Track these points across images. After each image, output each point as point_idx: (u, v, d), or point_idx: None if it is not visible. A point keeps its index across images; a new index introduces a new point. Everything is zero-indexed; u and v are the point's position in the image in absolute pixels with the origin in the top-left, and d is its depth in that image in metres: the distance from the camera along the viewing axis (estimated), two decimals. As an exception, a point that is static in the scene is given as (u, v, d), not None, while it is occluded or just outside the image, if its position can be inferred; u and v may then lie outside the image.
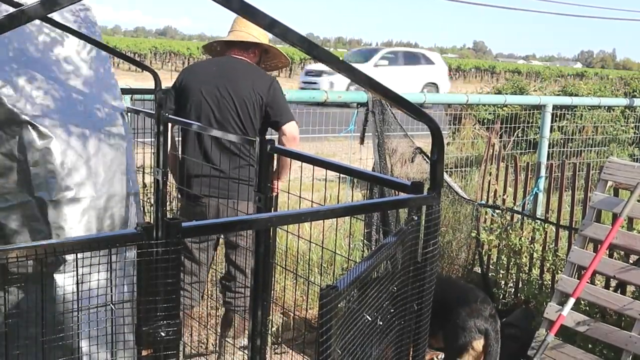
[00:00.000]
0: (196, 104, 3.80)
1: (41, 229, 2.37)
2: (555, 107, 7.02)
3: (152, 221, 2.53)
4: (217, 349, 4.24)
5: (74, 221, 2.39)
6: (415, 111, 1.86)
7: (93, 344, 2.33)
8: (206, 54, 4.38)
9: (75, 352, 2.27)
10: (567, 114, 9.11)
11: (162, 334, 1.53)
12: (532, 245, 4.92)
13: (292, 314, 4.44)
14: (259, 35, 3.95)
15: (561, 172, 4.85)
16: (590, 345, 4.08)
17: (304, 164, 2.55)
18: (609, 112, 10.17)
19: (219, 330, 4.24)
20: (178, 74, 4.02)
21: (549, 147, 6.67)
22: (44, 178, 2.35)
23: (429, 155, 1.97)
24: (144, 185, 4.28)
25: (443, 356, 4.41)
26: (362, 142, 5.09)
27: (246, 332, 3.81)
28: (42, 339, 1.77)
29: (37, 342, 1.88)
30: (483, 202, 5.43)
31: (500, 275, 5.19)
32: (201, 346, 4.31)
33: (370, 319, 1.76)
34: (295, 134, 3.82)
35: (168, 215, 3.60)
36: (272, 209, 2.92)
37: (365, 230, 5.29)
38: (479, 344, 3.67)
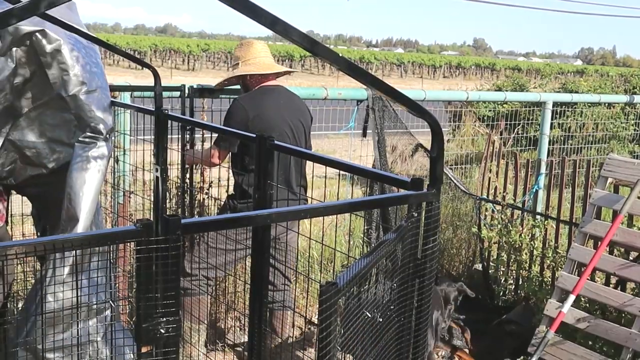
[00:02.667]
0: (279, 136, 3.86)
1: (71, 118, 2.78)
2: (555, 104, 7.00)
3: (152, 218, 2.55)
4: (217, 346, 4.24)
5: (94, 108, 2.78)
6: (416, 108, 1.85)
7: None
8: (224, 85, 4.29)
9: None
10: (567, 111, 9.11)
11: (162, 331, 1.53)
12: (532, 242, 4.92)
13: (292, 311, 4.44)
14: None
15: (561, 169, 4.85)
16: (590, 342, 4.08)
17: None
18: (609, 109, 10.17)
19: (220, 327, 4.25)
20: (235, 108, 3.93)
21: (549, 144, 6.66)
22: (59, 77, 2.70)
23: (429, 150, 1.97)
24: (144, 183, 4.29)
25: (444, 353, 4.43)
26: (364, 135, 5.11)
27: (287, 325, 4.06)
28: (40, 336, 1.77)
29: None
30: (484, 197, 5.43)
31: (501, 272, 5.19)
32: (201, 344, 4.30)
33: (370, 315, 1.76)
34: None
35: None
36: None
37: (365, 227, 5.29)
38: None
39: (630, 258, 4.12)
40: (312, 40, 1.55)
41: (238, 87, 4.23)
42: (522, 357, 4.12)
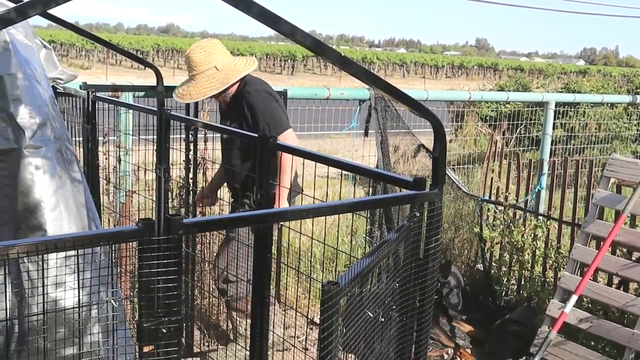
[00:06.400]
0: None
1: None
2: (557, 104, 7.00)
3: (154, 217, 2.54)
4: (219, 346, 4.25)
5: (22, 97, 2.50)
6: (418, 107, 1.85)
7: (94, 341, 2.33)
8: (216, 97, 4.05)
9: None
10: (570, 111, 9.10)
11: (164, 330, 1.53)
12: (534, 243, 4.92)
13: (294, 311, 4.44)
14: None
15: (564, 169, 4.84)
16: (592, 343, 4.08)
17: (306, 160, 2.55)
18: (612, 109, 10.16)
19: (222, 327, 4.25)
20: (271, 94, 3.97)
21: (551, 144, 6.66)
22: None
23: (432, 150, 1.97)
24: (146, 183, 4.29)
25: (452, 351, 4.44)
26: (366, 134, 5.13)
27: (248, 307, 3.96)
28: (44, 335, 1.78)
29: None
30: (486, 197, 5.43)
31: (503, 272, 5.19)
32: (204, 344, 4.31)
33: (372, 315, 1.75)
34: None
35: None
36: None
37: (368, 227, 5.29)
38: None
39: (633, 258, 4.12)
40: (317, 41, 1.55)
41: None
42: (524, 358, 4.12)
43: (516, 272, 5.14)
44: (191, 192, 4.33)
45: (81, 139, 3.95)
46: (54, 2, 1.24)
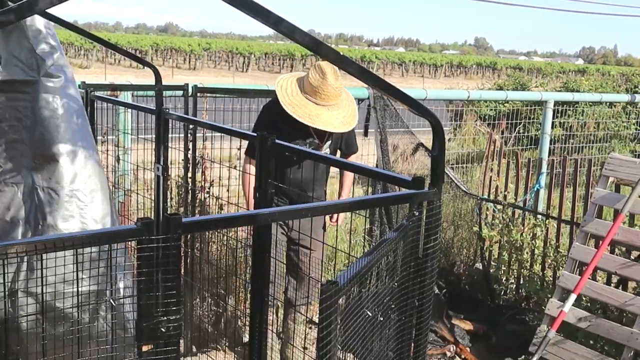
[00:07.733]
0: None
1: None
2: (556, 103, 7.00)
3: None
4: (218, 346, 4.25)
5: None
6: (417, 107, 1.85)
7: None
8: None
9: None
10: (569, 110, 9.10)
11: (163, 329, 1.53)
12: (533, 242, 4.92)
13: (293, 310, 4.44)
14: None
15: (562, 168, 4.85)
16: (591, 342, 4.08)
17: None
18: (611, 108, 10.15)
19: (220, 327, 4.24)
20: None
21: (550, 143, 6.66)
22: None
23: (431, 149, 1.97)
24: (144, 182, 4.29)
25: (454, 348, 4.44)
26: (365, 134, 5.14)
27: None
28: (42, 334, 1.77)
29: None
30: (485, 196, 5.43)
31: (502, 271, 5.19)
32: (204, 343, 4.31)
33: (370, 314, 1.75)
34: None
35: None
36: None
37: (368, 226, 5.29)
38: None
39: (632, 257, 4.12)
40: (315, 40, 1.54)
41: (238, 86, 4.23)
42: (523, 357, 4.12)
43: (515, 271, 5.14)
44: (190, 191, 4.33)
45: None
46: (51, 2, 1.24)
